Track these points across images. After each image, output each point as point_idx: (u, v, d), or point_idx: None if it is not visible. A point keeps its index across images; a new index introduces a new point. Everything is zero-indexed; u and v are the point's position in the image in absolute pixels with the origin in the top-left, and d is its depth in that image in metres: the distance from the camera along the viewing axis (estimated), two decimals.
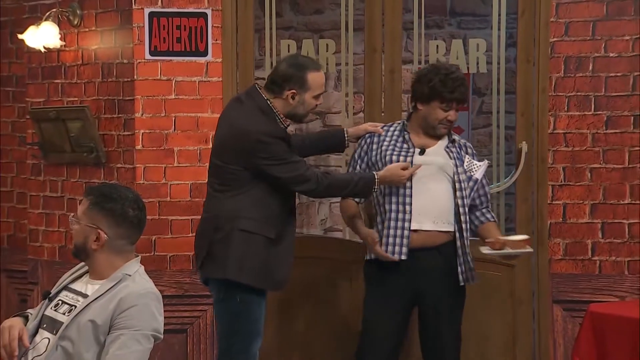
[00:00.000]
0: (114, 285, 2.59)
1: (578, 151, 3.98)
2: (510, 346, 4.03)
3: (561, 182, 4.00)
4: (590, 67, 3.95)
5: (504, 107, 4.06)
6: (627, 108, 3.94)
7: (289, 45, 4.11)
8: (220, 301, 3.37)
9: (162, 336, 2.61)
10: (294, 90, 3.31)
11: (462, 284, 3.49)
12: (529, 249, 3.50)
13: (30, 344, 2.59)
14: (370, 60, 4.03)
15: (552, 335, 4.02)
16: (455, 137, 3.61)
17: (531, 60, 3.98)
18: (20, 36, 4.19)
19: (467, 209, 3.50)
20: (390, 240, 3.44)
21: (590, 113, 3.96)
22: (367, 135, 3.60)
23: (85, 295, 2.62)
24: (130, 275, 2.62)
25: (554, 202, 4.00)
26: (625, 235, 3.97)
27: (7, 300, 4.78)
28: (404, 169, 3.42)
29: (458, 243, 3.47)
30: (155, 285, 2.68)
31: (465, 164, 3.53)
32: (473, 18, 4.65)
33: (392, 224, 3.45)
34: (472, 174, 3.53)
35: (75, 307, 2.60)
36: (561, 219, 4.00)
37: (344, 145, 3.69)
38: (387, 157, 3.50)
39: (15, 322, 2.61)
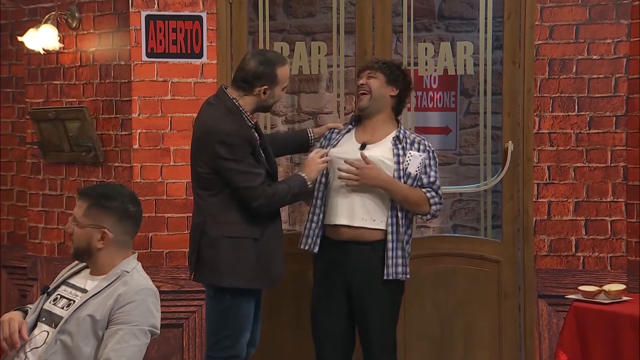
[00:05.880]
0: (112, 282, 2.66)
1: (562, 150, 4.07)
2: (496, 339, 4.11)
3: (546, 180, 4.09)
4: (574, 69, 4.03)
5: (490, 107, 4.15)
6: (609, 109, 4.03)
7: (281, 48, 4.17)
8: (211, 297, 3.43)
9: (159, 331, 2.67)
10: (265, 86, 3.37)
11: (385, 277, 3.46)
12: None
13: (29, 336, 2.65)
14: (361, 62, 4.08)
15: (538, 328, 4.10)
16: (405, 134, 3.56)
17: (517, 62, 4.06)
18: (20, 38, 4.26)
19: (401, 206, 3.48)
20: (305, 232, 3.57)
21: (573, 113, 4.05)
22: (328, 132, 3.69)
23: (84, 291, 2.68)
24: (128, 272, 2.68)
25: (539, 200, 4.08)
26: (607, 232, 4.06)
27: (8, 296, 4.84)
28: (320, 157, 3.48)
29: (389, 237, 3.47)
30: (152, 281, 2.75)
31: (406, 157, 3.51)
32: (461, 21, 4.69)
33: (310, 217, 3.57)
34: (407, 167, 3.50)
35: (74, 301, 2.66)
36: (546, 216, 4.09)
37: (309, 145, 3.74)
38: (331, 150, 3.57)
39: (14, 315, 2.67)
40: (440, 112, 4.77)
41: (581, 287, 3.63)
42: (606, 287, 3.58)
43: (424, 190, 3.51)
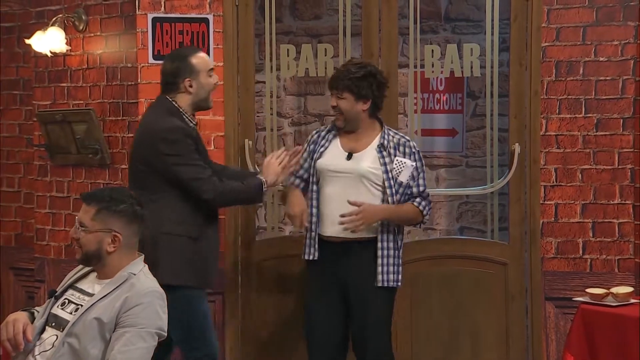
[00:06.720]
0: (120, 285, 2.66)
1: (569, 152, 4.06)
2: (503, 342, 4.10)
3: (553, 182, 4.08)
4: (581, 71, 4.02)
5: (497, 109, 4.14)
6: (616, 111, 4.02)
7: (288, 50, 4.17)
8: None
9: (165, 333, 2.67)
10: (188, 79, 3.41)
11: (379, 284, 3.49)
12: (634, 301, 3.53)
13: (38, 340, 2.65)
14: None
15: (545, 331, 4.09)
16: (389, 136, 3.55)
17: (523, 64, 4.05)
18: (27, 41, 4.28)
19: None
20: (307, 242, 3.57)
21: (580, 116, 4.04)
22: (315, 136, 3.65)
23: (91, 295, 2.68)
24: (135, 275, 2.68)
25: (546, 202, 4.07)
26: (615, 234, 4.04)
27: (15, 297, 4.86)
28: (277, 159, 3.48)
29: (379, 245, 3.49)
30: None
31: (394, 164, 3.51)
32: (467, 23, 4.69)
33: (308, 226, 3.57)
34: (398, 176, 3.51)
35: (82, 306, 2.66)
36: (553, 219, 4.07)
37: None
38: (318, 161, 3.57)
39: (19, 316, 2.67)
40: (446, 115, 4.77)
41: (589, 290, 3.63)
42: (614, 290, 3.57)
43: (415, 203, 3.53)
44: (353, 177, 3.50)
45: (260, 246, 4.18)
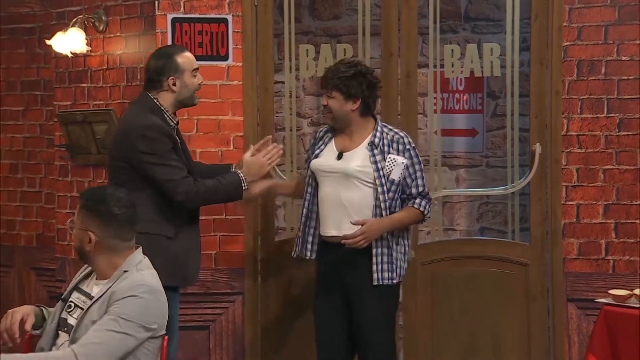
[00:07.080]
0: (113, 284, 2.62)
1: (591, 153, 4.03)
2: (525, 343, 4.08)
3: (575, 183, 4.05)
4: (603, 71, 3.99)
5: (517, 109, 4.11)
6: (639, 110, 3.98)
7: (307, 50, 4.17)
8: None
9: (155, 328, 2.59)
10: (172, 77, 3.41)
11: (374, 283, 3.46)
12: None
13: (54, 345, 2.64)
14: (387, 64, 4.09)
15: (567, 332, 4.07)
16: (383, 133, 3.51)
17: (544, 63, 4.02)
18: (48, 42, 4.31)
19: (388, 211, 3.46)
20: (298, 241, 3.59)
21: (602, 115, 4.01)
22: (313, 138, 3.68)
23: (91, 297, 2.67)
24: (127, 271, 2.65)
25: (567, 203, 4.04)
26: (638, 234, 4.00)
27: (37, 297, 4.87)
28: (269, 159, 3.52)
29: (372, 244, 3.45)
30: None
31: (386, 162, 3.48)
32: (487, 23, 4.66)
33: (301, 226, 3.57)
34: (389, 174, 3.48)
35: (84, 309, 2.65)
36: (575, 219, 4.04)
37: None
38: (312, 161, 3.57)
39: (20, 308, 2.67)
40: (466, 114, 4.75)
41: (611, 291, 3.60)
42: (637, 291, 3.53)
43: (415, 204, 3.51)
44: (343, 177, 3.49)
45: (279, 246, 4.18)
